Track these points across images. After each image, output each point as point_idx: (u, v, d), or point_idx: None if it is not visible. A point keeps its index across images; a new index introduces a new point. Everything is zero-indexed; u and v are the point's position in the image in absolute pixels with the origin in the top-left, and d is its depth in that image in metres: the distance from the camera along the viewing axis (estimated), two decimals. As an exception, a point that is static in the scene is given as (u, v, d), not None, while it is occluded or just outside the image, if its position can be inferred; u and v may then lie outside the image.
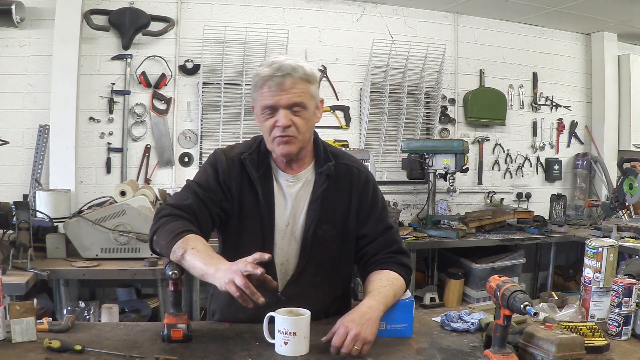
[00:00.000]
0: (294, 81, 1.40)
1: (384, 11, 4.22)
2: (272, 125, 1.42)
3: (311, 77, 1.44)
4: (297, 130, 1.42)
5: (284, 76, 1.38)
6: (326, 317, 1.56)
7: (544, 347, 1.22)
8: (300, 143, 1.46)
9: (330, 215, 1.52)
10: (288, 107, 1.40)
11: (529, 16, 4.42)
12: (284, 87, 1.39)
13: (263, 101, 1.42)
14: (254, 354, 1.28)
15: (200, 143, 3.82)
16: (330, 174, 1.51)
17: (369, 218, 1.56)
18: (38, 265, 2.55)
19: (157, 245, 1.41)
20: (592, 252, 1.58)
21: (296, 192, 1.53)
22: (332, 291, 1.60)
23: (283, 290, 1.51)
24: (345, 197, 1.54)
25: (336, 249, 1.55)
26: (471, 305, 1.68)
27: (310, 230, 1.50)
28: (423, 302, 3.62)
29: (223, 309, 1.57)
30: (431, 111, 4.38)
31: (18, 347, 1.26)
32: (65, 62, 3.38)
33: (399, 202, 4.27)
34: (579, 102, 4.87)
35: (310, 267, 1.52)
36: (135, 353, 1.24)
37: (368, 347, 1.29)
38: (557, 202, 4.10)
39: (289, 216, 1.52)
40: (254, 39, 3.72)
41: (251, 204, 1.50)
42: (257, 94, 1.44)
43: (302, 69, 1.42)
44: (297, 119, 1.42)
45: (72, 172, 3.43)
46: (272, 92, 1.39)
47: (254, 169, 1.50)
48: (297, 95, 1.40)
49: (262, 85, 1.41)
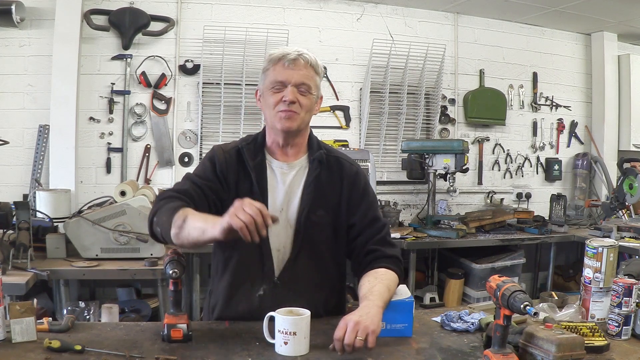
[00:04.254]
0: (305, 64, 1.52)
1: (384, 11, 4.22)
2: (278, 101, 1.51)
3: (318, 68, 1.56)
4: (300, 107, 1.51)
5: (298, 56, 1.51)
6: (324, 308, 1.58)
7: (544, 347, 1.22)
8: (301, 122, 1.53)
9: (324, 202, 1.58)
10: (296, 85, 1.50)
11: (529, 16, 4.42)
12: (297, 65, 1.50)
13: (275, 76, 1.51)
14: (254, 354, 1.28)
15: (200, 143, 3.82)
16: (322, 160, 1.59)
17: (359, 208, 1.61)
18: (38, 265, 2.55)
19: (158, 224, 1.41)
20: (592, 252, 1.58)
21: (290, 179, 1.59)
22: (328, 279, 1.63)
23: (279, 275, 1.54)
24: (337, 187, 1.61)
25: (330, 236, 1.60)
26: (471, 305, 1.68)
27: (304, 214, 1.55)
28: (423, 302, 3.61)
29: (223, 303, 1.59)
30: (431, 111, 4.38)
31: (18, 347, 1.26)
32: (65, 62, 3.38)
33: (399, 202, 4.27)
34: (579, 102, 4.87)
35: (304, 252, 1.55)
36: (135, 353, 1.24)
37: (373, 337, 1.25)
38: (557, 202, 4.10)
39: (282, 202, 1.57)
40: (254, 39, 3.72)
41: (246, 191, 1.54)
42: (269, 71, 1.53)
43: (313, 58, 1.55)
44: (302, 98, 1.51)
45: (72, 172, 3.43)
46: (285, 68, 1.50)
47: (250, 157, 1.57)
48: (305, 76, 1.51)
49: (276, 62, 1.52)
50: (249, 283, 1.54)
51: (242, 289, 1.55)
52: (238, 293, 1.56)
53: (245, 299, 1.54)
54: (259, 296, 1.53)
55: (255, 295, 1.53)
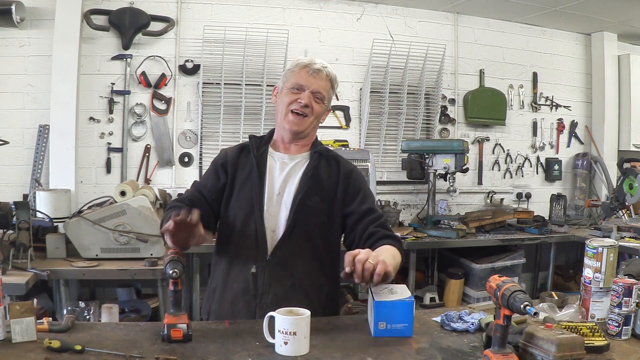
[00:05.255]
0: (326, 77, 1.71)
1: (384, 11, 4.22)
2: (293, 101, 1.67)
3: (335, 83, 1.75)
4: (312, 112, 1.68)
5: (322, 68, 1.70)
6: (317, 296, 1.65)
7: (544, 347, 1.22)
8: (308, 126, 1.70)
9: (320, 190, 1.69)
10: (314, 92, 1.68)
11: (529, 16, 4.42)
12: (319, 75, 1.69)
13: (297, 79, 1.68)
14: (254, 354, 1.28)
15: (200, 143, 3.82)
16: (322, 154, 1.74)
17: (354, 198, 1.72)
18: (38, 265, 2.55)
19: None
20: (592, 252, 1.58)
21: (289, 168, 1.72)
22: (320, 264, 1.69)
23: (272, 253, 1.63)
24: (333, 179, 1.73)
25: (324, 223, 1.69)
26: (471, 305, 1.68)
27: (299, 196, 1.65)
28: (423, 302, 3.61)
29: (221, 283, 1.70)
30: (431, 111, 4.38)
31: (18, 347, 1.26)
32: (65, 62, 3.38)
33: (399, 202, 4.27)
34: (579, 102, 4.87)
35: (297, 233, 1.64)
36: (135, 353, 1.24)
37: (382, 266, 1.35)
38: (557, 202, 4.10)
39: (280, 185, 1.69)
40: (254, 39, 3.72)
41: (245, 177, 1.70)
42: (292, 73, 1.71)
43: (334, 74, 1.74)
44: (315, 104, 1.69)
45: (72, 172, 3.43)
46: (308, 75, 1.68)
47: (255, 148, 1.73)
48: (323, 87, 1.70)
49: (302, 68, 1.69)
50: (243, 262, 1.64)
51: (237, 268, 1.65)
52: (234, 272, 1.66)
53: (241, 277, 1.64)
54: (252, 274, 1.62)
55: (249, 273, 1.62)
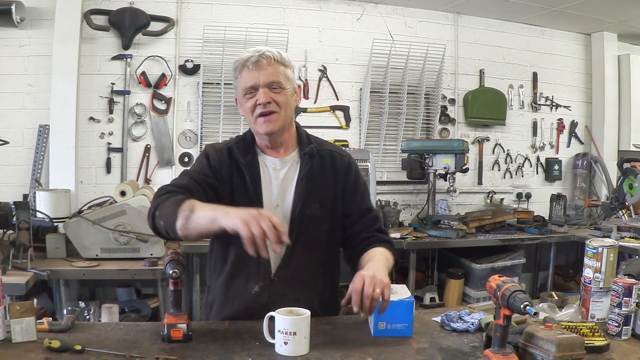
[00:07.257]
0: (269, 62, 1.51)
1: (384, 11, 4.22)
2: (254, 105, 1.51)
3: (285, 61, 1.55)
4: (277, 106, 1.51)
5: (259, 57, 1.51)
6: (319, 302, 1.60)
7: (544, 347, 1.22)
8: (282, 120, 1.54)
9: (318, 196, 1.59)
10: (267, 85, 1.50)
11: (529, 16, 4.42)
12: (261, 66, 1.50)
13: (244, 83, 1.52)
14: (254, 354, 1.28)
15: (200, 143, 3.82)
16: (312, 154, 1.60)
17: (353, 198, 1.65)
18: (38, 265, 2.55)
19: (161, 217, 1.40)
20: (592, 252, 1.57)
21: (283, 175, 1.60)
22: (324, 274, 1.65)
23: (276, 272, 1.55)
24: (330, 179, 1.62)
25: (327, 230, 1.61)
26: (471, 305, 1.68)
27: (298, 208, 1.56)
28: (423, 302, 3.61)
29: (220, 300, 1.61)
30: (431, 111, 4.38)
31: (18, 347, 1.26)
32: (65, 62, 3.38)
33: (399, 202, 4.26)
34: (579, 102, 4.87)
35: (300, 247, 1.55)
36: (135, 353, 1.24)
37: (388, 290, 1.33)
38: (557, 202, 4.10)
39: (277, 197, 1.58)
40: (254, 39, 3.71)
41: (240, 188, 1.56)
42: (238, 80, 1.54)
43: (277, 52, 1.54)
44: (276, 96, 1.51)
45: (72, 172, 3.43)
46: (251, 72, 1.51)
47: (241, 156, 1.58)
48: (272, 74, 1.51)
49: (241, 69, 1.52)
50: (245, 279, 1.56)
51: (238, 286, 1.57)
52: (234, 289, 1.57)
53: (241, 295, 1.56)
54: (254, 293, 1.54)
55: (251, 292, 1.54)
